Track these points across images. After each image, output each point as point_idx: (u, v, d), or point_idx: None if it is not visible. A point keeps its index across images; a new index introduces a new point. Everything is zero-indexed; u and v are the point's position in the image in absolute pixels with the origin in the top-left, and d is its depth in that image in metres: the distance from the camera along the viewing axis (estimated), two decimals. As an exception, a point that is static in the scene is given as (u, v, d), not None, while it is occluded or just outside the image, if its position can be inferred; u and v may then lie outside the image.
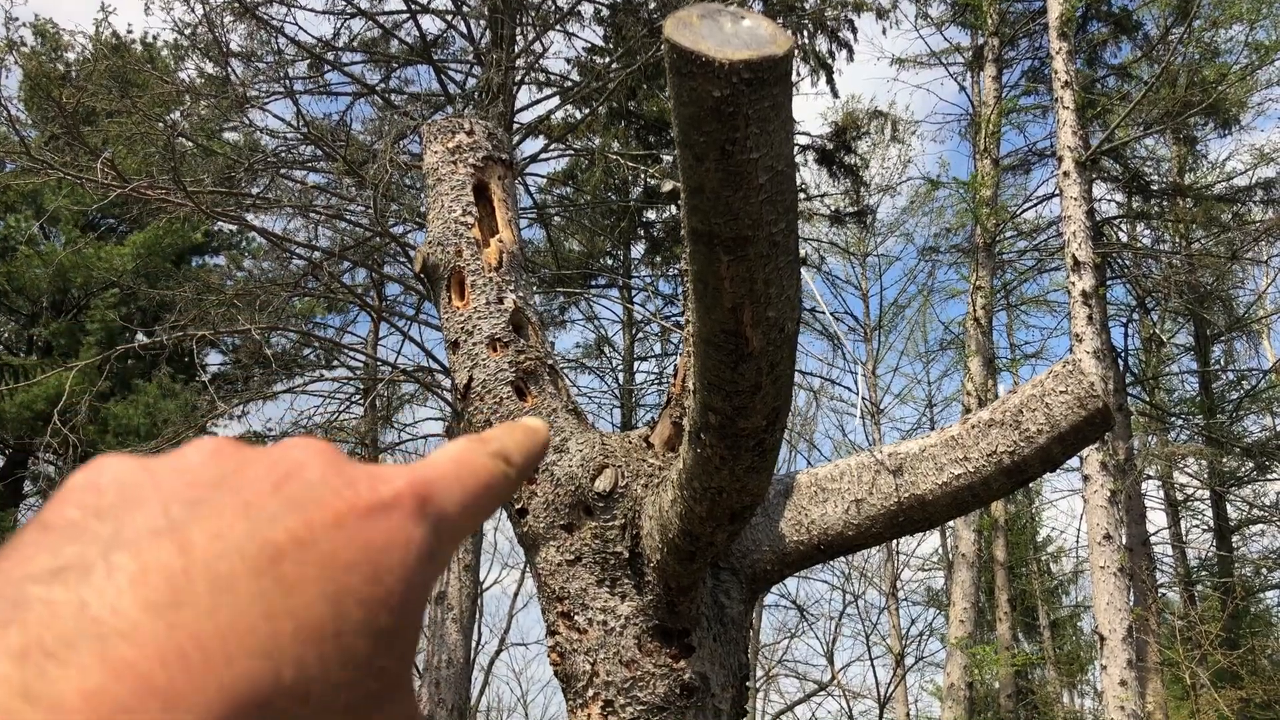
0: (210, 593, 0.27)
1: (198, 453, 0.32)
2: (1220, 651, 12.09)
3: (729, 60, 1.25)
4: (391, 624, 0.30)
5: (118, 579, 0.27)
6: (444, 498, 0.33)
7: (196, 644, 0.26)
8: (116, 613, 0.26)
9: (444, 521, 0.33)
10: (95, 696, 0.25)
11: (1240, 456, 16.77)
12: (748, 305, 1.49)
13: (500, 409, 2.29)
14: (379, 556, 0.30)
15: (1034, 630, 22.17)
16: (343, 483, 0.31)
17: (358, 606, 0.29)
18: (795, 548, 2.31)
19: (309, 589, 0.28)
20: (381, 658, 0.30)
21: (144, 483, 0.30)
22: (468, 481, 0.35)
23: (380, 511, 0.31)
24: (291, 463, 0.31)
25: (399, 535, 0.31)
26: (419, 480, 0.33)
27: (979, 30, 16.01)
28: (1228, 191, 15.74)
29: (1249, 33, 13.03)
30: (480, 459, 0.36)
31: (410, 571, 0.31)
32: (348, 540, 0.29)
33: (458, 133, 2.56)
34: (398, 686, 0.31)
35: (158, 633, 0.26)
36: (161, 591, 0.27)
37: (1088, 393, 2.15)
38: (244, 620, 0.27)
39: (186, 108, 10.71)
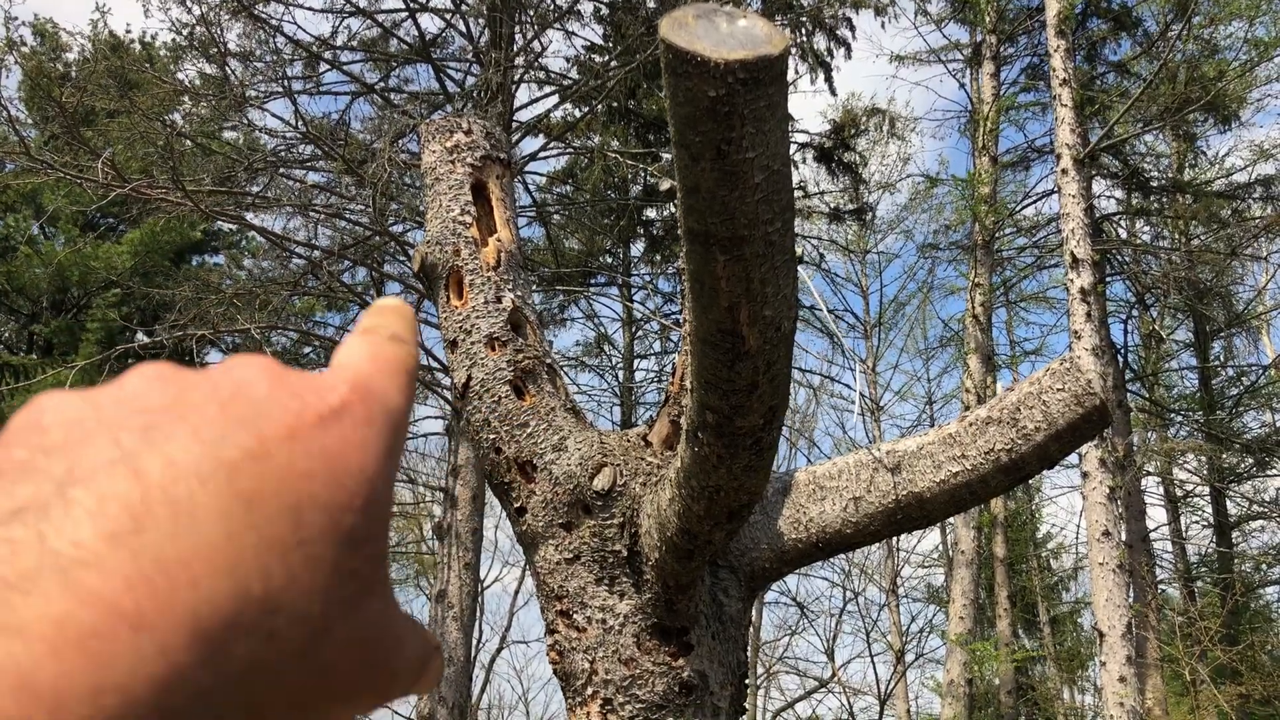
0: (170, 517, 0.27)
1: (139, 379, 0.32)
2: (1220, 647, 12.10)
3: (724, 60, 1.25)
4: (357, 526, 0.30)
5: (75, 513, 0.27)
6: (383, 391, 0.34)
7: (160, 568, 0.26)
8: (78, 544, 0.26)
9: (391, 413, 0.33)
10: (62, 622, 0.25)
11: (1240, 452, 16.78)
12: (744, 304, 1.49)
13: (499, 408, 2.30)
14: (336, 462, 0.30)
15: (1034, 626, 22.19)
16: (289, 395, 0.31)
17: (320, 513, 0.29)
18: (794, 545, 2.31)
19: (268, 502, 0.28)
20: (350, 560, 0.30)
21: (89, 416, 0.30)
22: (391, 370, 0.35)
23: (332, 419, 0.31)
24: (236, 382, 0.31)
25: (354, 438, 0.31)
26: (358, 382, 0.33)
27: (978, 27, 16.01)
28: (1227, 188, 15.74)
29: (1249, 29, 13.03)
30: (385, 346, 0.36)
31: (370, 472, 0.31)
32: (304, 450, 0.30)
33: (455, 132, 2.56)
34: (371, 588, 0.31)
35: (121, 560, 0.26)
36: (121, 520, 0.27)
37: (1085, 390, 2.15)
38: (206, 541, 0.27)
39: (186, 108, 10.71)
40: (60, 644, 0.25)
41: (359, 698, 0.32)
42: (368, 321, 0.38)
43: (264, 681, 0.28)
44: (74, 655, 0.25)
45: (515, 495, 2.27)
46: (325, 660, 0.30)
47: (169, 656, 0.26)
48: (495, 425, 2.28)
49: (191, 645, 0.26)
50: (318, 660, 0.29)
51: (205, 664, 0.26)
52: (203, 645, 0.26)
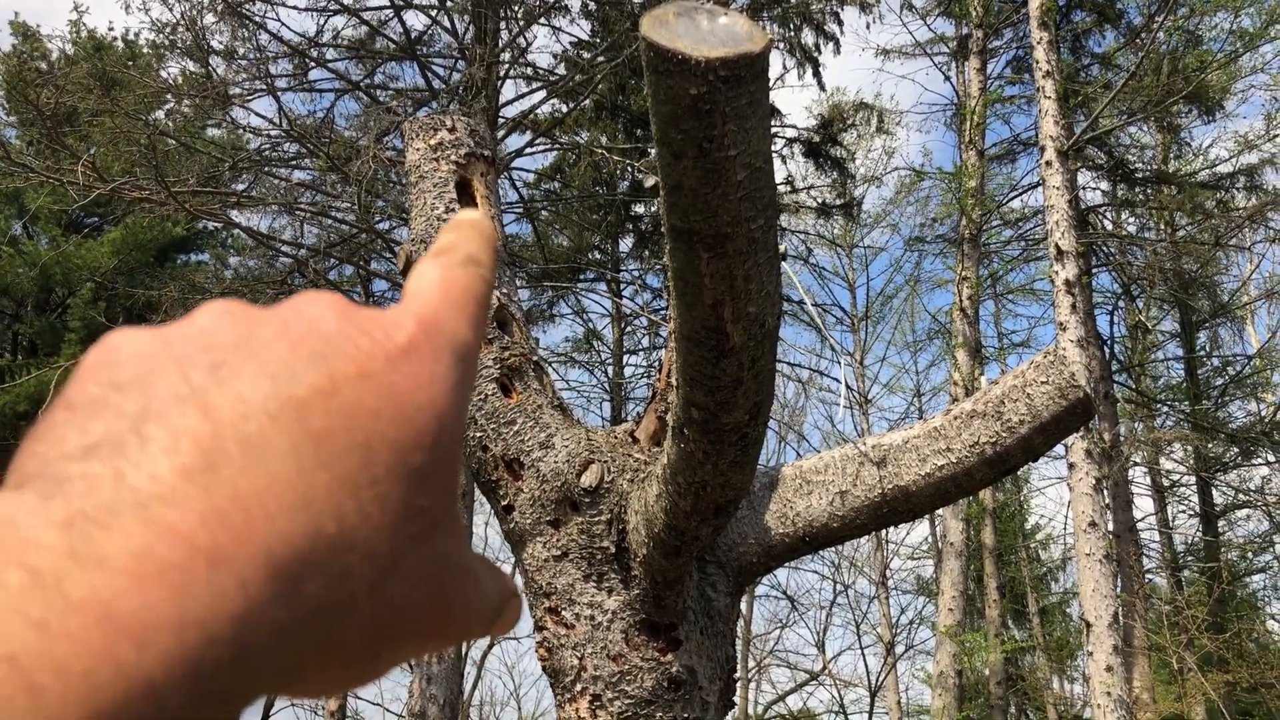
0: (242, 454, 0.27)
1: (209, 316, 0.32)
2: (1207, 636, 12.19)
3: (706, 58, 1.25)
4: (426, 463, 0.30)
5: (150, 449, 0.27)
6: (451, 326, 0.33)
7: (236, 504, 0.26)
8: (155, 479, 0.26)
9: (459, 348, 0.33)
10: (142, 555, 0.25)
11: (1225, 442, 16.89)
12: (728, 301, 1.50)
13: (485, 405, 2.30)
14: (405, 399, 0.30)
15: (1023, 617, 22.30)
16: (359, 333, 0.31)
17: (389, 451, 0.29)
18: (781, 540, 2.32)
19: (339, 440, 0.28)
20: (420, 498, 0.30)
21: (160, 352, 0.30)
22: (461, 301, 0.35)
23: (401, 358, 0.31)
24: (306, 318, 0.31)
25: (423, 376, 0.31)
26: (425, 318, 0.33)
27: (963, 21, 16.04)
28: (1211, 178, 15.82)
29: (1234, 20, 13.09)
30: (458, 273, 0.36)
31: (439, 408, 0.31)
32: (373, 388, 0.30)
33: (439, 130, 2.56)
34: (439, 524, 0.31)
35: (195, 496, 0.26)
36: (194, 456, 0.27)
37: (1068, 383, 2.16)
38: (279, 478, 0.27)
39: (169, 106, 10.65)
40: (141, 576, 0.25)
41: (432, 635, 0.32)
42: (444, 240, 0.38)
43: (338, 618, 0.28)
44: (155, 587, 0.25)
45: (503, 493, 2.27)
46: (397, 598, 0.29)
47: (247, 592, 0.26)
48: (482, 423, 2.29)
49: (268, 581, 0.26)
50: (389, 598, 0.29)
51: (281, 600, 0.26)
52: (278, 581, 0.26)
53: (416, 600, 0.30)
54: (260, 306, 0.32)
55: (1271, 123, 15.66)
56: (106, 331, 0.32)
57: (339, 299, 0.33)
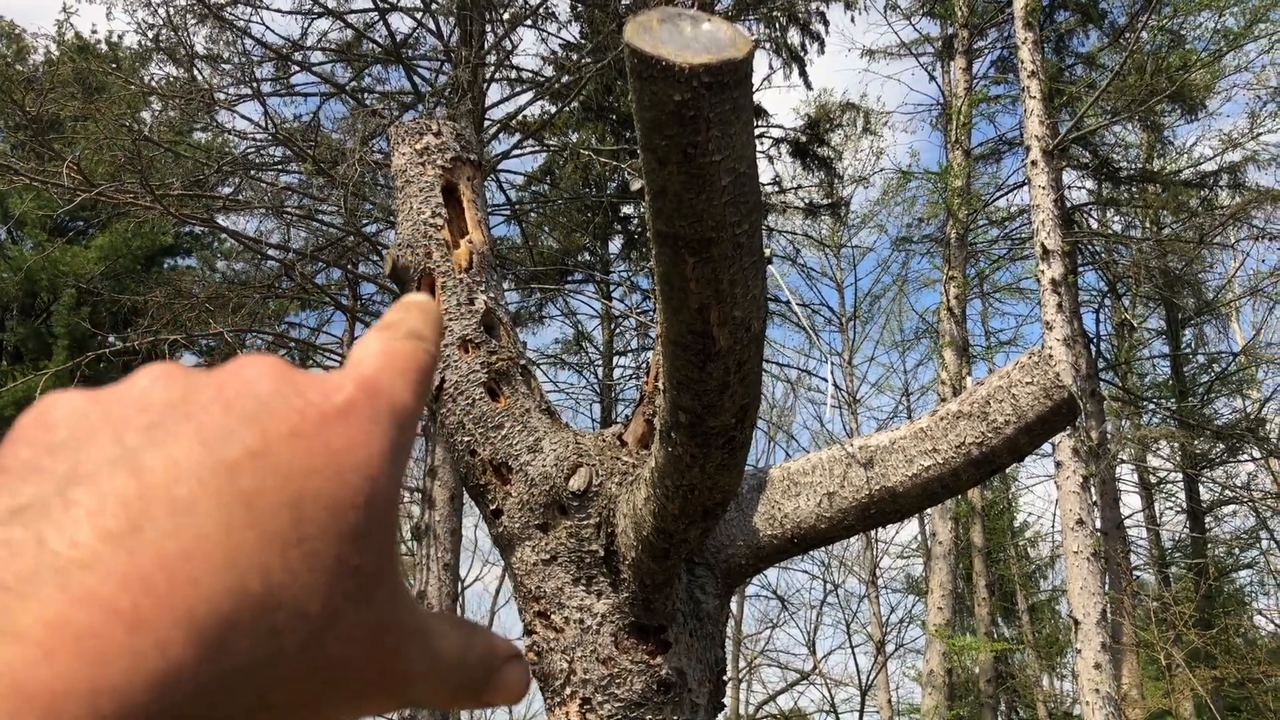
0: (169, 516, 0.27)
1: (146, 379, 0.32)
2: (1194, 632, 12.26)
3: (689, 64, 1.26)
4: (360, 522, 0.30)
5: (75, 513, 0.26)
6: (391, 389, 0.33)
7: (159, 566, 0.26)
8: (75, 545, 0.26)
9: (399, 411, 0.33)
10: (57, 624, 0.25)
11: (1211, 439, 17.00)
12: (714, 306, 1.50)
13: (473, 410, 2.30)
14: (340, 458, 0.30)
15: (1013, 615, 22.40)
16: (294, 394, 0.31)
17: (322, 510, 0.29)
18: (769, 541, 2.33)
19: (269, 498, 0.28)
20: (353, 556, 0.30)
21: (94, 414, 0.30)
22: (403, 368, 0.35)
23: (337, 418, 0.31)
24: (242, 381, 0.31)
25: (359, 436, 0.31)
26: (366, 380, 0.33)
27: (948, 21, 16.11)
28: (1195, 177, 15.93)
29: (1218, 19, 13.17)
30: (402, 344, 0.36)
31: (374, 468, 0.31)
32: (307, 448, 0.30)
33: (425, 134, 2.56)
34: (378, 583, 0.31)
35: (119, 560, 0.26)
36: (120, 520, 0.26)
37: (1053, 383, 2.18)
38: (205, 538, 0.27)
39: (154, 110, 10.61)
40: (54, 646, 0.24)
41: (372, 696, 0.31)
42: (389, 318, 0.38)
43: (267, 678, 0.28)
44: (68, 657, 0.24)
45: (491, 497, 2.27)
46: (331, 657, 0.29)
47: (167, 655, 0.25)
48: (470, 428, 2.29)
49: (190, 643, 0.26)
50: (323, 657, 0.29)
51: (205, 661, 0.26)
52: (202, 643, 0.26)
53: (354, 657, 0.30)
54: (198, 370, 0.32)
55: (1255, 121, 15.77)
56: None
57: (279, 362, 0.33)
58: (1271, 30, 13.20)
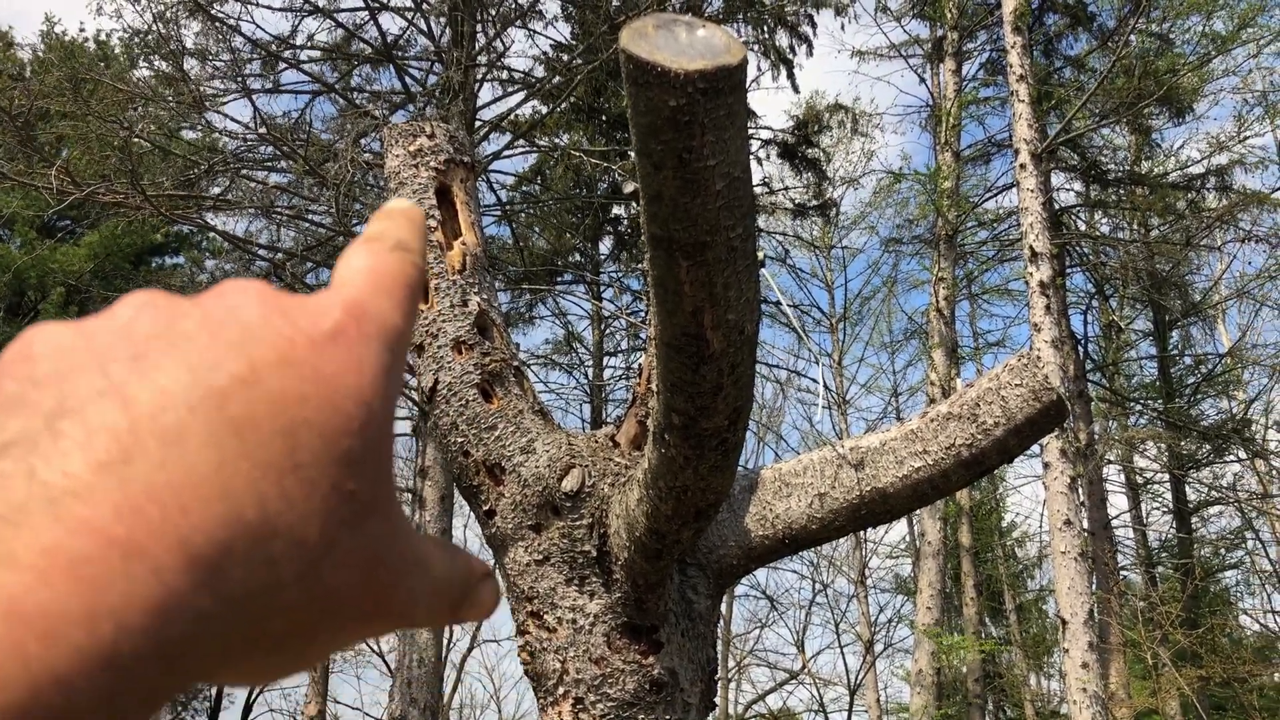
0: (159, 446, 0.27)
1: (130, 308, 0.31)
2: (1181, 631, 12.34)
3: (685, 70, 1.27)
4: (355, 448, 0.30)
5: (64, 444, 0.27)
6: (379, 311, 0.33)
7: (150, 496, 0.26)
8: (67, 475, 0.26)
9: (388, 333, 0.33)
10: (52, 550, 0.25)
11: (1198, 439, 17.10)
12: (708, 309, 1.52)
13: (466, 411, 2.31)
14: (332, 384, 0.30)
15: (1000, 614, 22.49)
16: (283, 320, 0.31)
17: (316, 437, 0.29)
18: (760, 542, 2.34)
19: (261, 427, 0.28)
20: (348, 482, 0.30)
21: (79, 346, 0.29)
22: (390, 287, 0.34)
23: (327, 343, 0.31)
24: (228, 308, 0.31)
25: (350, 361, 0.31)
26: (353, 303, 0.32)
27: (939, 23, 16.17)
28: (1183, 179, 16.02)
29: (1206, 23, 13.26)
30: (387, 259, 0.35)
31: (367, 393, 0.31)
32: (297, 375, 0.29)
33: (419, 136, 2.57)
34: (372, 508, 0.31)
35: (111, 489, 0.26)
36: (110, 450, 0.26)
37: (1042, 385, 2.20)
38: (197, 468, 0.27)
39: (142, 109, 10.56)
40: (49, 571, 0.25)
41: (371, 621, 0.32)
42: (373, 228, 0.37)
43: (264, 605, 0.28)
44: (64, 581, 0.25)
45: (484, 498, 2.28)
46: (328, 583, 0.29)
47: (164, 581, 0.25)
48: (463, 428, 2.30)
49: (186, 570, 0.26)
50: (319, 583, 0.29)
51: (202, 589, 0.26)
52: (197, 570, 0.26)
53: (351, 585, 0.30)
54: (184, 296, 0.32)
55: (1242, 124, 15.88)
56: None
57: (264, 286, 0.32)
58: (1259, 34, 13.30)
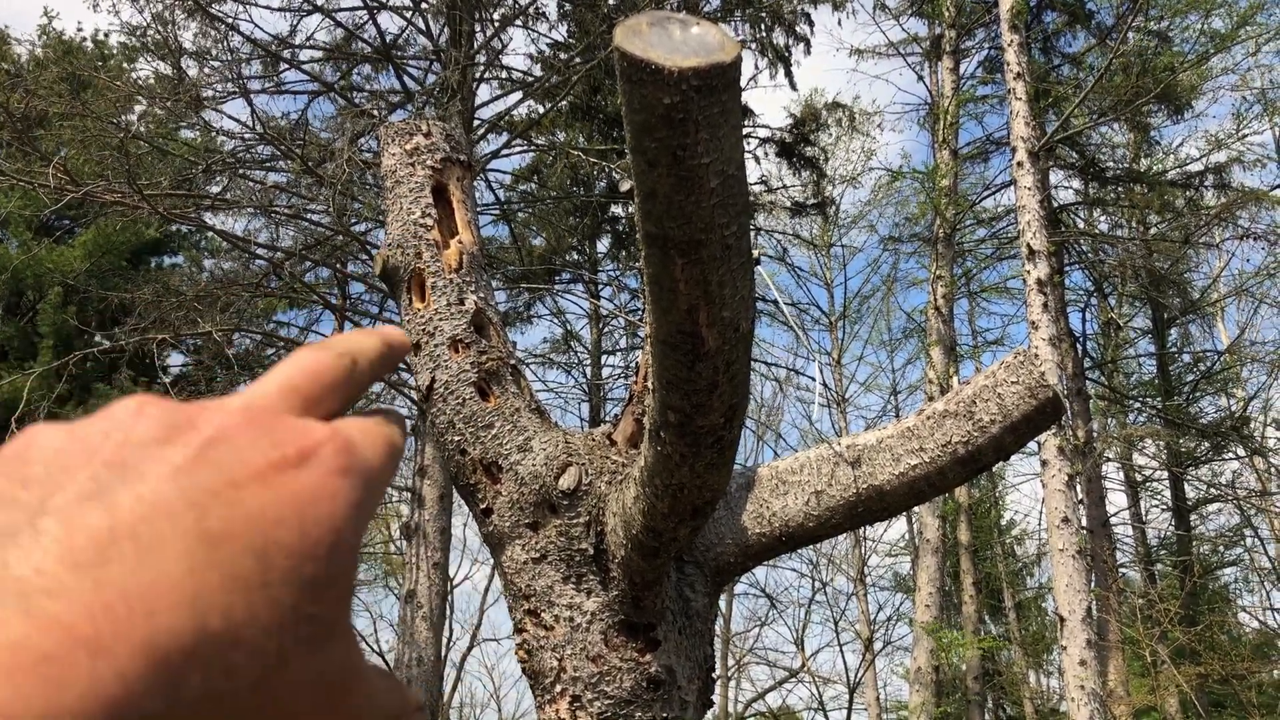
0: (136, 551, 0.28)
1: (124, 412, 0.33)
2: (1179, 628, 12.35)
3: (679, 68, 1.27)
4: (320, 573, 0.31)
5: (43, 541, 0.27)
6: (364, 451, 0.35)
7: (122, 598, 0.27)
8: (41, 572, 0.27)
9: (369, 472, 0.34)
10: (18, 646, 0.25)
11: (1197, 437, 17.11)
12: (703, 306, 1.52)
13: (463, 410, 2.31)
14: (306, 509, 0.31)
15: (999, 612, 22.50)
16: (268, 441, 0.32)
17: (285, 558, 0.30)
18: (758, 540, 2.35)
19: (235, 543, 0.29)
20: (311, 605, 0.31)
21: (71, 449, 0.31)
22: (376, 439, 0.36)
23: (301, 465, 0.32)
24: (217, 424, 0.32)
25: (325, 488, 0.32)
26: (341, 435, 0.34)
27: (936, 21, 16.16)
28: (1181, 177, 16.03)
29: (1204, 21, 13.26)
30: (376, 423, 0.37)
31: (338, 522, 0.32)
32: (274, 496, 0.31)
33: (415, 135, 2.57)
34: (332, 633, 0.32)
35: (84, 589, 0.27)
36: (87, 552, 0.27)
37: (1038, 383, 2.20)
38: (169, 575, 0.28)
39: (140, 109, 10.56)
40: (14, 668, 0.25)
41: None
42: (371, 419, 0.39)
43: (219, 713, 0.28)
44: (28, 679, 0.25)
45: (481, 496, 2.28)
46: (282, 698, 0.30)
47: (125, 682, 0.26)
48: (460, 427, 2.30)
49: (147, 672, 0.27)
50: (274, 697, 0.30)
51: (161, 692, 0.27)
52: (159, 673, 0.27)
53: (303, 704, 0.31)
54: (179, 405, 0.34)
55: (1241, 122, 15.89)
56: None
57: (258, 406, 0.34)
58: (1257, 32, 13.30)
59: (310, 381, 0.37)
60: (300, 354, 0.38)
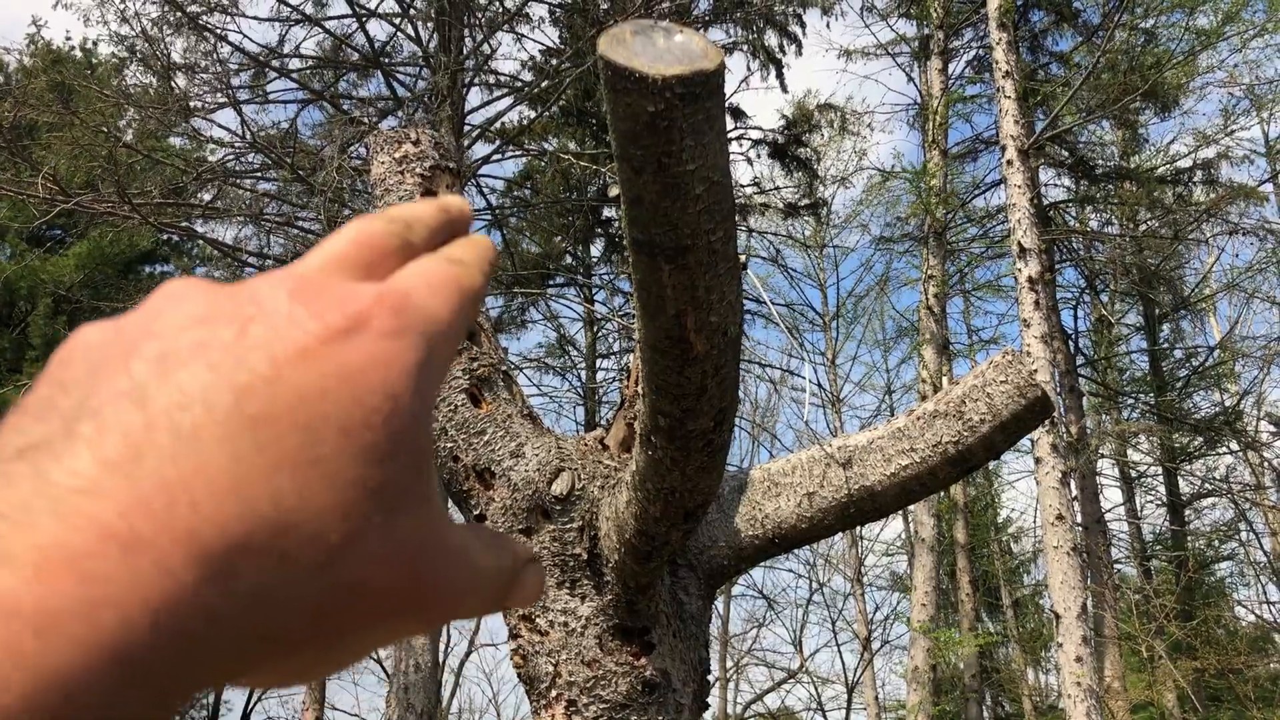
0: (173, 443, 0.27)
1: (162, 300, 0.31)
2: (1175, 624, 12.39)
3: (662, 76, 1.28)
4: (379, 442, 0.29)
5: (76, 445, 0.27)
6: (423, 304, 0.32)
7: (160, 491, 0.26)
8: (74, 474, 0.26)
9: (429, 326, 0.32)
10: (49, 547, 0.25)
11: (1190, 432, 17.16)
12: (690, 312, 1.53)
13: (455, 416, 2.31)
14: (357, 378, 0.29)
15: (997, 610, 22.54)
16: (309, 314, 0.30)
17: (337, 432, 0.28)
18: (750, 542, 2.36)
19: (280, 422, 0.28)
20: (375, 476, 0.29)
21: (110, 344, 0.30)
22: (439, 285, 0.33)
23: (348, 334, 0.30)
24: (258, 303, 0.30)
25: (377, 355, 0.30)
26: (390, 293, 0.31)
27: (924, 21, 16.22)
28: (1170, 173, 16.09)
29: (1189, 18, 13.32)
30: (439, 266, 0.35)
31: (395, 387, 0.30)
32: (319, 369, 0.29)
33: (404, 143, 2.57)
34: (401, 502, 0.30)
35: (117, 486, 0.26)
36: (120, 448, 0.26)
37: (1027, 381, 2.22)
38: (211, 464, 0.27)
39: (129, 119, 10.55)
40: (46, 567, 0.24)
41: (410, 615, 0.31)
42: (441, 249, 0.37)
43: (281, 603, 0.27)
44: (61, 576, 0.24)
45: (474, 503, 2.29)
46: (353, 579, 0.29)
47: (169, 574, 0.25)
48: (452, 434, 2.30)
49: (193, 565, 0.26)
50: (342, 579, 0.28)
51: (211, 584, 0.26)
52: (206, 565, 0.26)
53: (381, 580, 0.29)
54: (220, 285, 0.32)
55: (1228, 118, 15.96)
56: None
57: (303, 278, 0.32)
58: (1243, 29, 13.37)
59: (359, 249, 0.34)
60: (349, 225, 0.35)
